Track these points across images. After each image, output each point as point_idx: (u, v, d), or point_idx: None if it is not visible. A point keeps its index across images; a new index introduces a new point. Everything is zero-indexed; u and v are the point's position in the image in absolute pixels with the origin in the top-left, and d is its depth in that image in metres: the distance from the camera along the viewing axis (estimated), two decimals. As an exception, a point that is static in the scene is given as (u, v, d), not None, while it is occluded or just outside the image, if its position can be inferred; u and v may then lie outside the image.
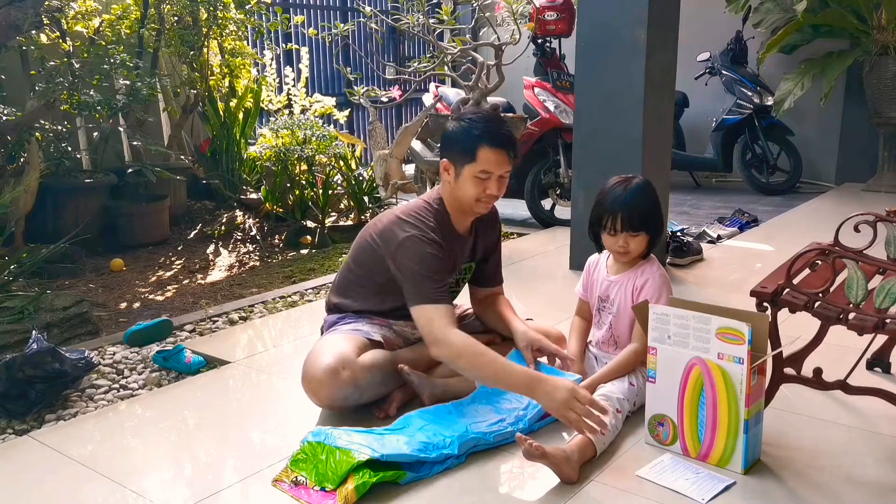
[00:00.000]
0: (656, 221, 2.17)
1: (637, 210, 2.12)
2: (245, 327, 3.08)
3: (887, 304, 1.80)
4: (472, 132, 2.09)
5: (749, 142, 6.08)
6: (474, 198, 2.13)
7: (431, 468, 1.85)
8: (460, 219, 2.23)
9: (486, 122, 2.12)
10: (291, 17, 6.11)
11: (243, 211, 5.00)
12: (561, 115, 4.85)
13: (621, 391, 2.06)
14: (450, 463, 1.88)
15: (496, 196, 2.15)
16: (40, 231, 4.12)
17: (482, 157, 2.08)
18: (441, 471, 1.86)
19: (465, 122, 2.13)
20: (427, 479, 1.83)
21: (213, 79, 5.21)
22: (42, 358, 2.32)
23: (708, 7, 6.14)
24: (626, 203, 2.12)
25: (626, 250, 2.15)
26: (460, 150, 2.12)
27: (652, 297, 2.11)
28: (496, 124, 2.13)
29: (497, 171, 2.10)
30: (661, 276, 2.17)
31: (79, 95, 4.03)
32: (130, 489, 1.83)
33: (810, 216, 5.12)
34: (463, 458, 1.90)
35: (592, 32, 3.55)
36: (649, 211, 2.14)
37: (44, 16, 3.94)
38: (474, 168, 2.09)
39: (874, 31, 5.59)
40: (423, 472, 1.84)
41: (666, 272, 2.23)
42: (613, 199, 2.14)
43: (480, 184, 2.11)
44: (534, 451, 1.75)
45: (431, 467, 1.86)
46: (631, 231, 2.12)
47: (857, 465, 1.87)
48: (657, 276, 2.17)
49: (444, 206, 2.21)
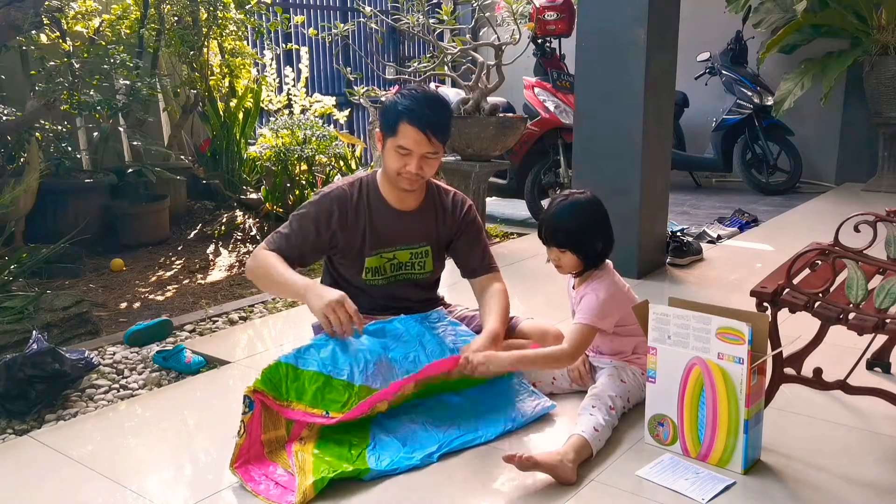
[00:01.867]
0: (586, 242, 2.12)
1: (560, 227, 2.12)
2: (245, 327, 3.08)
3: (887, 304, 1.80)
4: (398, 107, 2.16)
5: (749, 142, 6.08)
6: (395, 171, 2.20)
7: (397, 466, 1.85)
8: (392, 192, 2.28)
9: (415, 100, 2.17)
10: (291, 17, 6.10)
11: (243, 211, 4.99)
12: (561, 115, 4.85)
13: (612, 389, 2.06)
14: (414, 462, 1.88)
15: (418, 175, 2.19)
16: (40, 231, 4.11)
17: (401, 132, 2.15)
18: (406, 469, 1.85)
19: (397, 97, 2.21)
20: (421, 480, 1.82)
21: (213, 79, 5.20)
22: (42, 358, 2.32)
23: (708, 7, 6.14)
24: (550, 218, 2.14)
25: (557, 263, 2.18)
26: (385, 122, 2.21)
27: (585, 314, 2.08)
28: (424, 105, 2.16)
29: (416, 150, 2.15)
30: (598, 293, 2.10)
31: (79, 95, 4.03)
32: (130, 489, 1.83)
33: (810, 216, 5.12)
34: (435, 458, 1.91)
35: (592, 32, 3.55)
36: (577, 230, 2.11)
37: (44, 16, 3.94)
38: (394, 142, 2.17)
39: (874, 31, 5.59)
40: (388, 468, 1.84)
41: (615, 285, 2.15)
42: (547, 211, 2.17)
43: (401, 159, 2.17)
44: (526, 463, 1.75)
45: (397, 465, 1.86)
46: (555, 246, 2.14)
47: (857, 465, 1.87)
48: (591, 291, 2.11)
49: (375, 179, 2.31)
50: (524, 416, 2.08)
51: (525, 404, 2.13)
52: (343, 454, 1.87)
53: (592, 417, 1.93)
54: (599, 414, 1.95)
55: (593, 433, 1.88)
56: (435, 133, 2.15)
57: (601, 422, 1.92)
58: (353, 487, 1.79)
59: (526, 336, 2.39)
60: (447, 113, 2.25)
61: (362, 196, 2.28)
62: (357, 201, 2.27)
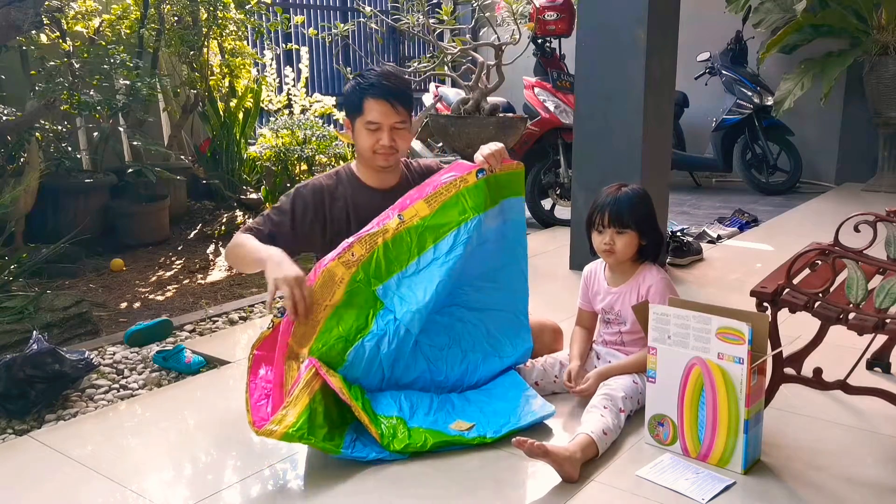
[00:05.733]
0: (647, 225, 2.16)
1: (625, 207, 2.13)
2: (245, 327, 3.08)
3: (887, 304, 1.80)
4: (359, 87, 2.24)
5: (749, 142, 6.08)
6: (369, 149, 2.24)
7: (369, 453, 1.89)
8: (370, 173, 2.34)
9: (373, 77, 2.25)
10: (291, 17, 6.11)
11: (243, 211, 5.00)
12: (561, 115, 4.84)
13: (624, 389, 2.06)
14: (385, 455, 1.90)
15: (392, 148, 2.24)
16: (40, 231, 4.11)
17: (367, 108, 2.21)
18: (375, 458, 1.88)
19: (355, 80, 2.28)
20: (422, 478, 1.82)
21: (213, 79, 5.21)
22: (42, 358, 2.32)
23: (708, 7, 6.14)
24: (615, 200, 2.15)
25: (610, 248, 2.15)
26: (350, 104, 2.27)
27: (657, 302, 2.09)
28: (382, 78, 2.24)
29: (385, 122, 2.21)
30: (664, 280, 2.17)
31: (79, 95, 4.03)
32: (130, 489, 1.83)
33: (810, 216, 5.12)
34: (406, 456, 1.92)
35: (592, 32, 3.54)
36: (639, 212, 2.15)
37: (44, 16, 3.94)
38: (362, 119, 2.23)
39: (874, 31, 5.59)
40: (357, 453, 1.88)
41: (668, 275, 2.23)
42: (605, 196, 2.18)
43: (372, 135, 2.22)
44: (536, 450, 1.76)
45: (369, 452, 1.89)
46: (617, 227, 2.13)
47: (857, 465, 1.87)
48: (659, 281, 2.16)
49: (351, 167, 2.38)
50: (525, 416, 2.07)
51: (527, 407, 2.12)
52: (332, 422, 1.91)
53: (603, 420, 1.93)
54: (609, 416, 1.95)
55: (601, 436, 1.88)
56: (399, 101, 2.22)
57: (610, 425, 1.92)
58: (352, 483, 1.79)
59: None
60: (406, 82, 2.35)
61: (341, 182, 2.33)
62: (336, 187, 2.32)
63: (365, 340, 2.02)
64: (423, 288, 2.07)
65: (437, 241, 2.10)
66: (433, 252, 2.09)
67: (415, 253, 2.09)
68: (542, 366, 2.27)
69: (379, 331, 2.03)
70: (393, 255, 2.08)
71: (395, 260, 2.08)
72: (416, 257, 2.09)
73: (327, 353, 1.98)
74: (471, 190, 2.14)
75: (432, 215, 2.11)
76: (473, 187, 2.14)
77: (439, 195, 2.13)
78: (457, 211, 2.12)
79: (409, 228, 2.09)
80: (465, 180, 2.15)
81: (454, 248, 2.09)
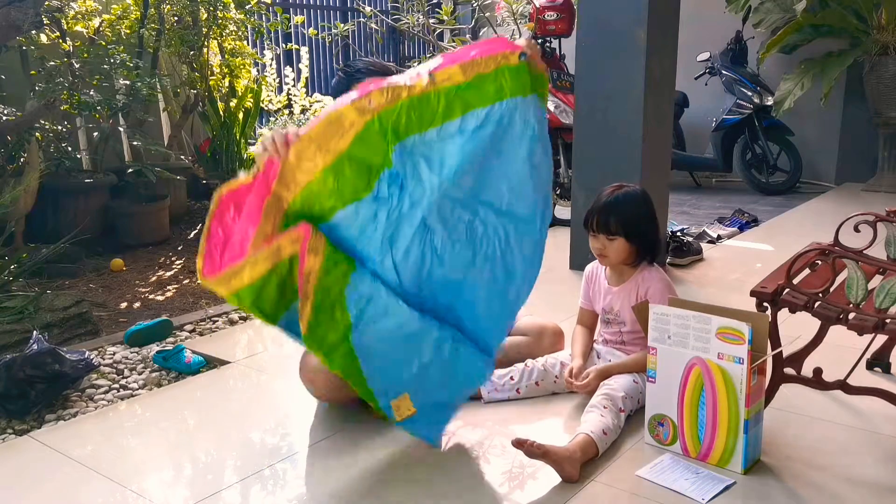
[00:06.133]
0: (637, 228, 2.14)
1: (615, 213, 2.12)
2: (245, 327, 3.08)
3: (887, 304, 1.80)
4: (346, 75, 2.25)
5: (749, 142, 6.08)
6: None
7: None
8: None
9: (357, 69, 2.25)
10: (291, 17, 6.10)
11: (243, 211, 4.99)
12: (561, 115, 4.84)
13: (625, 388, 2.06)
14: None
15: None
16: (40, 231, 4.11)
17: None
18: None
19: (338, 74, 2.29)
20: (425, 477, 1.82)
21: (213, 79, 5.20)
22: (42, 358, 2.32)
23: (708, 7, 6.14)
24: (605, 206, 2.14)
25: (601, 253, 2.16)
26: (339, 94, 2.19)
27: (656, 302, 2.09)
28: (368, 64, 2.26)
29: None
30: (663, 280, 2.17)
31: (79, 95, 4.03)
32: (130, 489, 1.83)
33: (810, 216, 5.12)
34: None
35: (592, 32, 3.54)
36: (631, 217, 2.13)
37: (44, 16, 3.94)
38: None
39: (874, 31, 5.59)
40: None
41: (667, 276, 2.23)
42: (599, 200, 2.17)
43: None
44: (535, 451, 1.76)
45: None
46: (607, 234, 2.13)
47: (857, 465, 1.87)
48: (658, 281, 2.16)
49: None
50: None
51: None
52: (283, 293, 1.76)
53: (603, 420, 1.93)
54: (610, 416, 1.95)
55: (601, 436, 1.88)
56: None
57: (610, 425, 1.92)
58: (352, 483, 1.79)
59: (524, 332, 2.40)
60: (390, 69, 2.32)
61: None
62: None
63: (360, 203, 1.79)
64: (440, 160, 1.82)
65: (466, 113, 1.81)
66: (460, 123, 1.82)
67: (439, 119, 1.81)
68: (542, 366, 2.26)
69: (381, 195, 1.80)
70: (416, 115, 1.79)
71: (417, 121, 1.80)
72: (441, 124, 1.81)
73: (313, 204, 1.77)
74: (512, 70, 1.82)
75: (467, 84, 1.81)
76: (515, 68, 1.82)
77: (477, 65, 1.82)
78: (494, 87, 1.82)
79: (439, 91, 1.80)
80: (507, 58, 1.82)
81: (484, 125, 1.82)
